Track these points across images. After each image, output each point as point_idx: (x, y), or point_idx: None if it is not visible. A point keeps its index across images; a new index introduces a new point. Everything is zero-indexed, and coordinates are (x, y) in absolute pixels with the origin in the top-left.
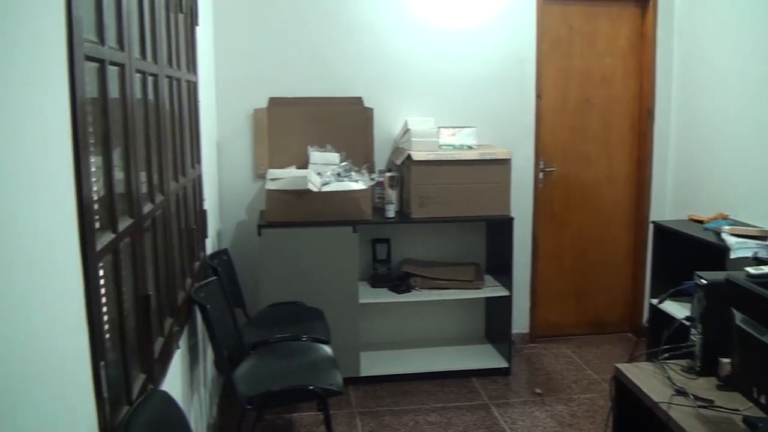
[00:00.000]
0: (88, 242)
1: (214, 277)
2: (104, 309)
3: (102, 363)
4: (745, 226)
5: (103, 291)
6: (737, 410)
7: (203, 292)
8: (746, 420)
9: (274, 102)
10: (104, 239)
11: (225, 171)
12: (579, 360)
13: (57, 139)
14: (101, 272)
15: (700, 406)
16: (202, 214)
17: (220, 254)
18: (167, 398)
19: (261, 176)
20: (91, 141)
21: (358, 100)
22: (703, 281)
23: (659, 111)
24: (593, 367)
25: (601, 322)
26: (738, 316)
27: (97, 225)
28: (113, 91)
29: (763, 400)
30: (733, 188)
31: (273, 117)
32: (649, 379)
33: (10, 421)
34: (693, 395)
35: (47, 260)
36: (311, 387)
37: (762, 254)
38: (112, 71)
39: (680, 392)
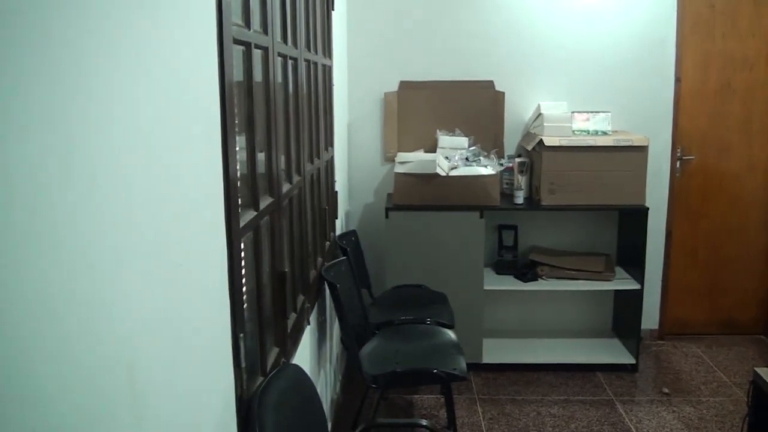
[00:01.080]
0: (232, 219)
1: (344, 257)
2: (243, 283)
3: (241, 334)
4: None
5: (243, 266)
6: None
7: (333, 272)
8: None
9: (404, 85)
10: (246, 216)
11: (354, 153)
12: (709, 361)
13: (208, 118)
14: (242, 248)
15: None
16: (333, 196)
17: (349, 235)
18: (300, 372)
19: (389, 159)
20: (236, 122)
21: (489, 84)
22: None
23: None
24: (724, 369)
25: (733, 322)
26: None
27: (240, 202)
28: (257, 74)
29: None
30: None
31: (403, 100)
32: None
33: (159, 384)
34: None
35: (199, 234)
36: (435, 371)
37: None
38: (256, 54)
39: None
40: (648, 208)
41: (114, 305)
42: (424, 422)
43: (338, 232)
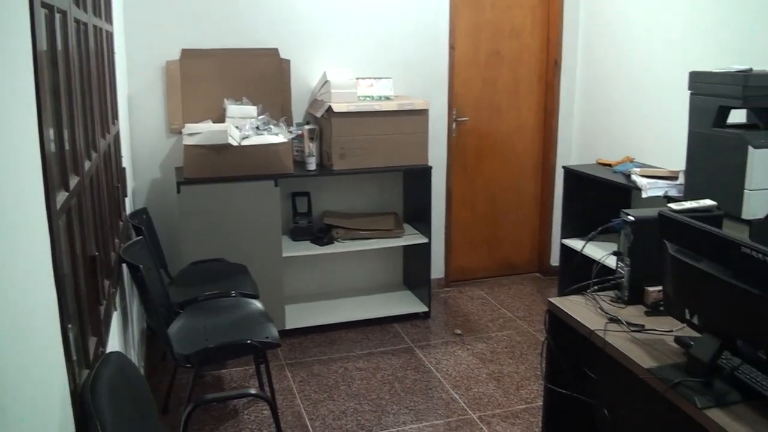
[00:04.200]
0: (51, 201)
1: (139, 237)
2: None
3: (69, 325)
4: (651, 167)
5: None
6: (670, 331)
7: (131, 253)
8: (678, 340)
9: (186, 54)
10: (60, 198)
11: (137, 126)
12: (493, 301)
13: (23, 92)
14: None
15: (633, 331)
16: (122, 173)
17: (140, 213)
18: (124, 359)
19: (175, 131)
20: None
21: (274, 52)
22: (631, 218)
23: (566, 62)
24: (507, 306)
25: (511, 264)
26: (671, 247)
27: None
28: (58, 41)
29: (695, 320)
30: (637, 133)
31: (186, 69)
32: (582, 310)
33: (8, 387)
34: (625, 322)
35: (20, 221)
36: (249, 341)
37: (672, 193)
38: (57, 19)
39: (613, 320)
40: (431, 167)
41: None
42: (252, 391)
43: (128, 210)
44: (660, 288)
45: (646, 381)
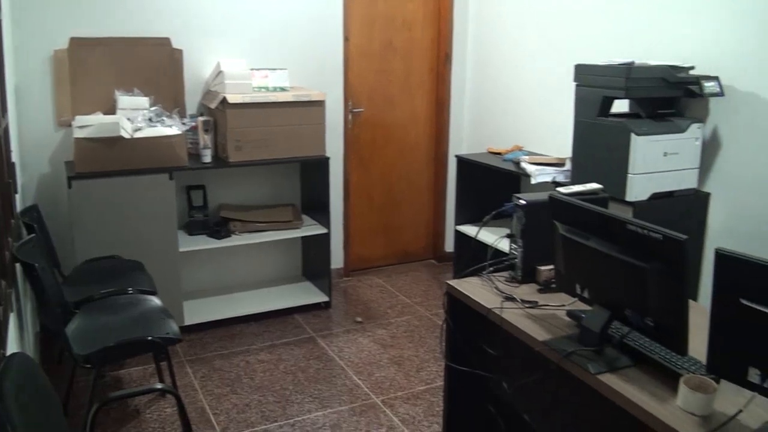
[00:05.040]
0: None
1: (32, 235)
2: None
3: None
4: (539, 155)
5: None
6: (562, 306)
7: (25, 251)
8: (570, 313)
9: (75, 43)
10: None
11: (23, 119)
12: (391, 288)
13: None
14: None
15: (528, 307)
16: (11, 168)
17: (31, 210)
18: (28, 360)
19: (64, 124)
20: None
21: (166, 41)
22: (523, 202)
23: (456, 54)
24: (404, 293)
25: (407, 252)
26: (562, 227)
27: None
28: None
29: (586, 294)
30: (525, 123)
31: (75, 59)
32: (479, 290)
33: None
34: (520, 299)
35: None
36: (150, 338)
37: (560, 179)
38: None
39: (508, 298)
40: (329, 158)
41: None
42: (159, 385)
43: (18, 208)
44: (551, 267)
45: (542, 353)
